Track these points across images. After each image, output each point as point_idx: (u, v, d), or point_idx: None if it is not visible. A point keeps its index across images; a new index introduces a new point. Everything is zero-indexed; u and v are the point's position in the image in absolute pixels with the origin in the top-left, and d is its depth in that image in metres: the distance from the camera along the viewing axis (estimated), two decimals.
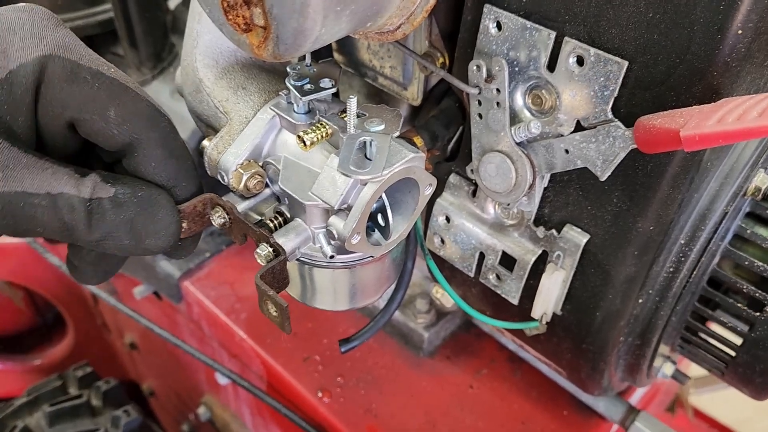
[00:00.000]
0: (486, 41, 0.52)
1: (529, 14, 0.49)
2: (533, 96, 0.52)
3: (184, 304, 1.05)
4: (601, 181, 0.50)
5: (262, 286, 0.44)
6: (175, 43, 1.06)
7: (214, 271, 1.04)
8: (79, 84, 0.41)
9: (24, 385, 1.29)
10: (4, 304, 1.54)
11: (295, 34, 0.41)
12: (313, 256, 0.52)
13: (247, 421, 1.12)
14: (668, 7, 0.42)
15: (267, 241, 0.47)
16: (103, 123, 0.42)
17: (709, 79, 0.43)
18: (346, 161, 0.45)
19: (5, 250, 1.33)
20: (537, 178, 0.54)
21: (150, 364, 1.44)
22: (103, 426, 1.17)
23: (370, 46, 0.68)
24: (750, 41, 0.41)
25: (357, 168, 0.45)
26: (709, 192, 0.52)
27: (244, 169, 0.51)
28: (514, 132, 0.53)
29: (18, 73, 0.40)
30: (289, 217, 0.52)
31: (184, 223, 0.48)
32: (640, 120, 0.44)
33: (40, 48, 0.41)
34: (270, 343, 0.91)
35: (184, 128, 0.99)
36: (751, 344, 0.56)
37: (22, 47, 0.40)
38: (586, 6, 0.46)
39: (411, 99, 0.67)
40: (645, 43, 0.44)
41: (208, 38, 0.55)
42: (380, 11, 0.45)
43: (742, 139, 0.36)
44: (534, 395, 0.85)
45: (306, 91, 0.50)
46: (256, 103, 0.54)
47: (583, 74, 0.47)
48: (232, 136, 0.53)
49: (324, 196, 0.47)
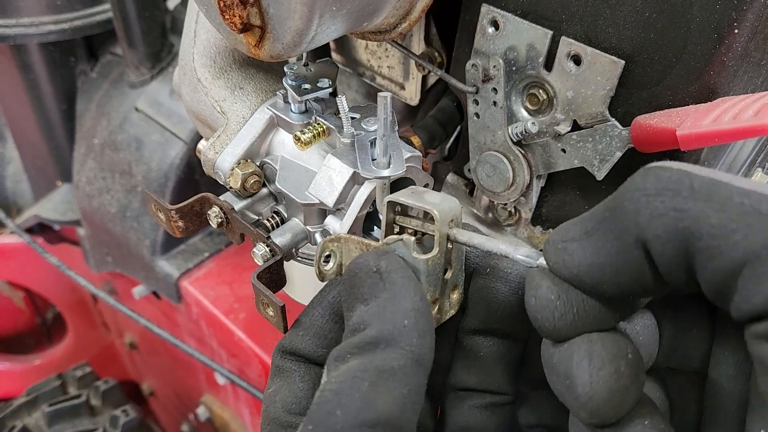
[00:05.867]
0: (483, 41, 0.52)
1: (527, 14, 0.49)
2: (530, 95, 0.52)
3: (183, 304, 1.05)
4: (598, 181, 0.50)
5: (258, 286, 0.44)
6: (174, 43, 1.06)
7: (213, 271, 1.04)
8: None
9: (24, 385, 1.29)
10: (4, 304, 1.55)
11: (291, 34, 0.41)
12: (310, 255, 0.52)
13: (246, 420, 1.12)
14: (665, 7, 0.42)
15: (264, 241, 0.47)
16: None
17: (705, 78, 0.43)
18: (366, 162, 0.44)
19: (5, 250, 1.33)
20: (534, 177, 0.54)
21: (149, 363, 1.44)
22: (101, 426, 1.17)
23: (368, 45, 0.68)
24: (746, 41, 0.41)
25: (375, 168, 0.44)
26: None
27: (242, 169, 0.51)
28: (511, 131, 0.53)
29: None
30: (286, 216, 0.52)
31: (180, 223, 0.49)
32: (637, 119, 0.44)
33: None
34: (269, 343, 0.91)
35: (182, 128, 1.00)
36: None
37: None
38: (583, 5, 0.46)
39: (409, 98, 0.67)
40: (642, 43, 0.44)
41: (205, 38, 0.55)
42: (376, 11, 0.45)
43: (737, 138, 0.36)
44: None
45: (303, 91, 0.50)
46: (254, 103, 0.54)
47: (580, 73, 0.47)
48: (230, 135, 0.53)
49: (321, 196, 0.47)
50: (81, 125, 1.13)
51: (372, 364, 0.31)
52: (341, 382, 0.31)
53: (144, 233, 1.04)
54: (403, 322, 0.32)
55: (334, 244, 0.40)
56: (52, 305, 1.57)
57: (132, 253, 1.08)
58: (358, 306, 0.34)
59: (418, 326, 0.32)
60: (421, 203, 0.37)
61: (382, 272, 0.34)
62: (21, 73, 1.07)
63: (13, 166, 1.30)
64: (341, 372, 0.31)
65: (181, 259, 1.05)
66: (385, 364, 0.31)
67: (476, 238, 0.37)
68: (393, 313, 0.32)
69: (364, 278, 0.35)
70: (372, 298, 0.34)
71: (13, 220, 1.18)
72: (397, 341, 0.31)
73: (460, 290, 0.40)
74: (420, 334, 0.32)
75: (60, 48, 1.06)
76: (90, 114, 1.11)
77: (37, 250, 1.09)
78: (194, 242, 1.08)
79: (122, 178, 1.05)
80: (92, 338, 1.57)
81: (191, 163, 1.00)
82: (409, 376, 0.31)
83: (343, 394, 0.30)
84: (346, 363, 0.32)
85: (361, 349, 0.32)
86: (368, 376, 0.30)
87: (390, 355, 0.31)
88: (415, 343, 0.32)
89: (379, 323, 0.32)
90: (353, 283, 0.35)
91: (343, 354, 0.33)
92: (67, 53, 1.08)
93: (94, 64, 1.13)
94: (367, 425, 0.29)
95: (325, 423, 0.29)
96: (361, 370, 0.31)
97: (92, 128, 1.10)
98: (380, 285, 0.34)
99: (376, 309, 0.33)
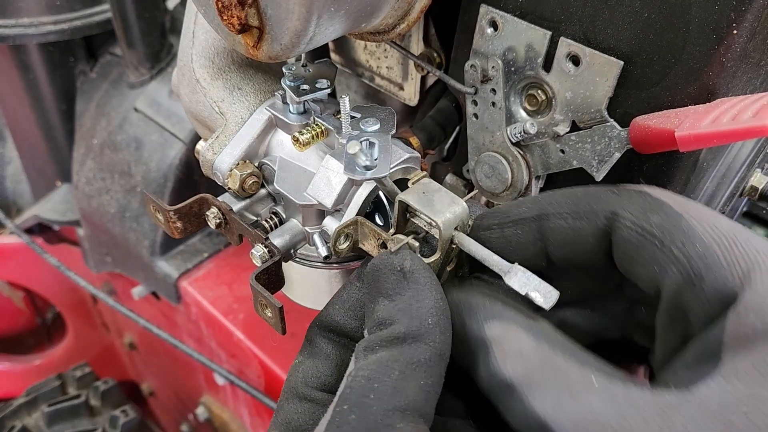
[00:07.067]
0: (482, 41, 0.52)
1: (525, 14, 0.49)
2: (529, 96, 0.52)
3: (182, 304, 1.05)
4: (597, 182, 0.50)
5: (256, 287, 0.44)
6: (173, 43, 1.06)
7: (212, 271, 1.04)
8: None
9: (24, 385, 1.29)
10: (4, 304, 1.55)
11: (289, 35, 0.41)
12: (309, 256, 0.52)
13: (245, 421, 1.12)
14: (664, 7, 0.42)
15: (262, 242, 0.47)
16: None
17: (704, 79, 0.43)
18: (351, 163, 0.45)
19: (5, 250, 1.33)
20: (533, 178, 0.54)
21: (149, 364, 1.44)
22: (101, 426, 1.17)
23: (366, 46, 0.67)
24: (745, 41, 0.41)
25: (363, 169, 0.44)
26: (706, 192, 0.52)
27: (240, 170, 0.51)
28: (510, 132, 0.52)
29: None
30: (284, 217, 0.52)
31: (179, 224, 0.48)
32: (636, 120, 0.44)
33: None
34: (268, 344, 0.91)
35: (181, 128, 0.99)
36: None
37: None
38: (581, 6, 0.46)
39: (407, 99, 0.67)
40: (641, 43, 0.44)
41: (204, 38, 0.55)
42: (375, 11, 0.45)
43: (736, 139, 0.36)
44: None
45: (301, 92, 0.50)
46: (252, 104, 0.54)
47: (578, 74, 0.47)
48: (228, 136, 0.53)
49: (319, 197, 0.47)
50: (80, 125, 1.13)
51: (402, 356, 0.34)
52: (373, 370, 0.33)
53: (143, 233, 1.04)
54: (428, 320, 0.35)
55: (350, 228, 0.44)
56: (52, 305, 1.57)
57: (131, 254, 1.08)
58: (382, 300, 0.38)
59: (441, 324, 0.36)
60: (428, 211, 0.39)
61: (405, 271, 0.38)
62: (20, 73, 1.07)
63: (13, 166, 1.30)
64: (372, 361, 0.34)
65: (180, 259, 1.05)
66: (413, 357, 0.34)
67: (476, 247, 0.39)
68: (418, 310, 0.36)
69: (388, 275, 0.38)
70: (396, 295, 0.37)
71: (12, 221, 1.18)
72: (423, 337, 0.35)
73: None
74: (442, 331, 0.35)
75: (59, 48, 1.06)
76: (89, 114, 1.11)
77: (37, 251, 1.09)
78: (193, 243, 1.08)
79: (121, 179, 1.05)
80: (92, 338, 1.57)
81: (190, 163, 1.00)
82: (432, 368, 0.34)
83: (376, 380, 0.33)
84: (376, 354, 0.35)
85: (390, 343, 0.35)
86: (398, 366, 0.33)
87: (417, 350, 0.34)
88: (438, 339, 0.35)
89: (407, 320, 0.35)
90: (377, 277, 0.38)
91: (372, 346, 0.35)
92: (67, 53, 1.08)
93: (93, 65, 1.13)
94: (398, 410, 0.32)
95: (360, 405, 0.32)
96: (391, 361, 0.34)
97: (91, 128, 1.10)
98: (404, 283, 0.37)
99: (403, 306, 0.36)
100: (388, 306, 0.37)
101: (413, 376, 0.33)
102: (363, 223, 0.44)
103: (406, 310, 0.36)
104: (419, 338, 0.35)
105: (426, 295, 0.36)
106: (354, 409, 0.32)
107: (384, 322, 0.36)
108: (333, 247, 0.44)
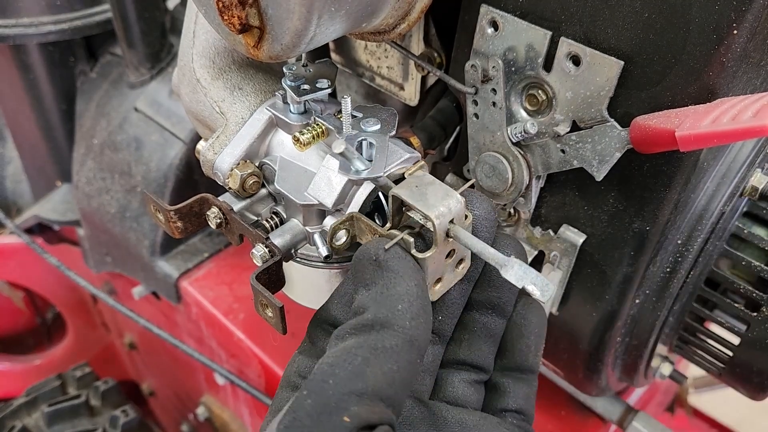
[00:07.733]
0: (483, 41, 0.52)
1: (526, 14, 0.49)
2: (529, 96, 0.52)
3: (182, 304, 1.05)
4: (597, 182, 0.50)
5: (257, 287, 0.44)
6: (174, 43, 1.06)
7: (213, 271, 1.04)
8: None
9: (24, 385, 1.29)
10: (4, 304, 1.54)
11: (290, 35, 0.41)
12: (309, 256, 0.52)
13: (245, 421, 1.12)
14: (664, 7, 0.42)
15: (263, 242, 0.47)
16: None
17: (704, 79, 0.43)
18: (346, 162, 0.45)
19: (5, 250, 1.33)
20: (533, 178, 0.54)
21: (149, 364, 1.44)
22: (101, 426, 1.17)
23: (367, 46, 0.68)
24: (746, 41, 0.41)
25: (358, 168, 0.45)
26: (706, 192, 0.52)
27: (240, 170, 0.51)
28: (510, 132, 0.53)
29: None
30: (285, 217, 0.52)
31: (179, 224, 0.49)
32: (636, 120, 0.44)
33: None
34: (268, 344, 0.91)
35: (181, 128, 0.99)
36: (748, 344, 0.56)
37: None
38: (582, 6, 0.46)
39: (408, 99, 0.67)
40: (641, 43, 0.44)
41: (204, 38, 0.55)
42: (375, 11, 0.45)
43: (736, 139, 0.36)
44: None
45: (302, 92, 0.50)
46: (252, 104, 0.54)
47: (579, 74, 0.47)
48: (229, 136, 0.53)
49: (319, 197, 0.47)
50: (80, 125, 1.13)
51: (366, 342, 0.34)
52: (337, 356, 0.34)
53: (143, 233, 1.04)
54: (397, 306, 0.36)
55: (346, 224, 0.44)
56: (52, 305, 1.56)
57: (131, 254, 1.08)
58: (361, 290, 0.38)
59: (411, 310, 0.36)
60: (420, 205, 0.39)
61: (380, 260, 0.38)
62: (20, 73, 1.07)
63: (13, 166, 1.30)
64: (339, 348, 0.35)
65: (180, 259, 1.05)
66: (377, 343, 0.34)
67: (473, 241, 0.39)
68: (388, 297, 0.36)
69: (366, 265, 0.39)
70: (372, 284, 0.38)
71: (12, 221, 1.18)
72: (391, 323, 0.35)
73: (467, 261, 0.43)
74: (412, 317, 0.36)
75: (59, 48, 1.06)
76: (89, 114, 1.11)
77: (37, 251, 1.09)
78: (194, 242, 1.08)
79: (121, 179, 1.05)
80: (92, 338, 1.57)
81: (190, 163, 1.00)
82: (399, 354, 0.34)
83: (337, 366, 0.34)
84: (345, 341, 0.35)
85: (359, 330, 0.36)
86: (361, 352, 0.34)
87: (383, 336, 0.35)
88: (408, 325, 0.35)
89: (375, 307, 0.36)
90: (357, 269, 0.39)
91: (342, 334, 0.36)
92: (67, 53, 1.08)
93: (93, 65, 1.13)
94: (355, 394, 0.32)
95: (318, 390, 0.33)
96: (355, 347, 0.34)
97: (92, 128, 1.10)
98: (379, 272, 0.38)
99: (374, 294, 0.37)
100: (363, 295, 0.38)
101: (377, 361, 0.34)
102: (359, 219, 0.44)
103: (375, 298, 0.37)
104: (387, 325, 0.35)
105: (398, 282, 0.37)
106: (311, 394, 0.33)
107: (357, 310, 0.37)
108: (330, 243, 0.45)
